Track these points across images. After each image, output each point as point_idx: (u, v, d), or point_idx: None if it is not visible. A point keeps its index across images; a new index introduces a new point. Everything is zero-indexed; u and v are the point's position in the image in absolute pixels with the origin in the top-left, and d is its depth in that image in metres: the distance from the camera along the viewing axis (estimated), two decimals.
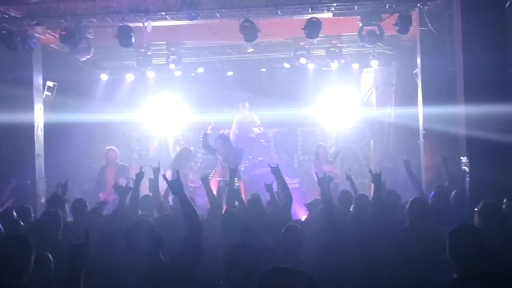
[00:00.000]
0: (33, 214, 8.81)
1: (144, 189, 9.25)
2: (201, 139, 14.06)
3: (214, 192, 9.05)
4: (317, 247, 6.73)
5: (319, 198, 8.49)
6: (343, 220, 7.49)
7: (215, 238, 6.87)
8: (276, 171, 8.75)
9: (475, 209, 6.77)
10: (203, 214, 8.19)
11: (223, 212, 8.08)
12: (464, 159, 10.11)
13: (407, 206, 7.44)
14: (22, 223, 7.76)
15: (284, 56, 16.80)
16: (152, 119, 17.70)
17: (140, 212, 8.20)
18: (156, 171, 9.03)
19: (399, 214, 8.16)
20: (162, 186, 9.08)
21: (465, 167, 10.03)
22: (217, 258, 5.25)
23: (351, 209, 8.38)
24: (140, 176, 8.40)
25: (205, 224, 7.11)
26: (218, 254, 5.51)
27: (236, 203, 8.66)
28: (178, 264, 4.99)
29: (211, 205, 8.62)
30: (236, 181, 12.77)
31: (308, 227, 7.68)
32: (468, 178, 9.87)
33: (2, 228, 7.05)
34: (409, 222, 7.22)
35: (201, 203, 9.94)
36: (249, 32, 11.74)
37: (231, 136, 15.97)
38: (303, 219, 9.67)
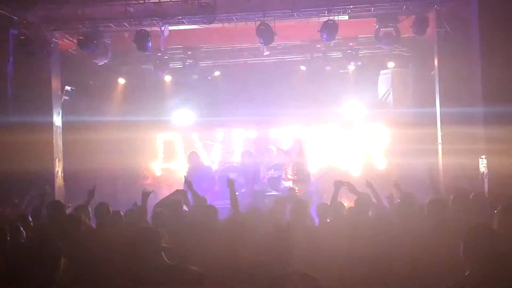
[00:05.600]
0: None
1: None
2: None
3: None
4: (336, 253, 6.70)
5: (325, 202, 8.58)
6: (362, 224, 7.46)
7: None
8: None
9: (495, 211, 6.72)
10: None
11: None
12: (482, 160, 10.05)
13: (426, 208, 7.39)
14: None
15: (300, 58, 16.78)
16: (168, 122, 17.74)
17: None
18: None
19: (416, 217, 8.09)
20: None
21: (483, 169, 9.98)
22: None
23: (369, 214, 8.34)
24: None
25: None
26: None
27: None
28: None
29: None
30: None
31: (321, 233, 7.67)
32: (486, 179, 9.82)
33: (23, 231, 7.10)
34: (429, 225, 7.16)
35: None
36: (266, 35, 11.77)
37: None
38: None
